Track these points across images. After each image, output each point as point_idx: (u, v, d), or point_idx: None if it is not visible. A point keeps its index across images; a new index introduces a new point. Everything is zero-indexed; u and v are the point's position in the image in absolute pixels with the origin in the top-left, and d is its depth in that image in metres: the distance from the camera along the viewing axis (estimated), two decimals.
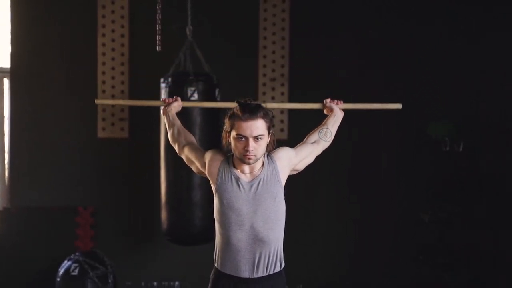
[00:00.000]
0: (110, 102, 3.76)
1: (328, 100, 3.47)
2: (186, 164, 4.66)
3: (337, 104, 3.45)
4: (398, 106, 3.62)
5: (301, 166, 3.14)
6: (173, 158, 4.88)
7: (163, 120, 3.44)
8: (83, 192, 5.74)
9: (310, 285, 5.90)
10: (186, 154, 3.18)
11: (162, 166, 4.99)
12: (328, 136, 3.28)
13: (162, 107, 3.43)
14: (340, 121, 3.40)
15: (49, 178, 5.77)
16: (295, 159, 3.10)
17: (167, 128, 3.35)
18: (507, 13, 5.68)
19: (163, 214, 5.01)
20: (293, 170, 3.12)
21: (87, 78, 5.75)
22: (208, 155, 3.06)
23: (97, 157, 5.78)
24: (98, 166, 5.79)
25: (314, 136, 3.26)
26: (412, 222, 5.73)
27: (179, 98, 3.42)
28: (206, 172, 3.05)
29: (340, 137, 5.76)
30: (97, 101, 3.69)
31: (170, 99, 3.42)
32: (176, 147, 3.26)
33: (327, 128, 3.31)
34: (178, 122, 3.33)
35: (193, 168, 3.16)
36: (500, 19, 5.73)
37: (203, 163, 3.07)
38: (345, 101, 5.77)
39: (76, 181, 5.76)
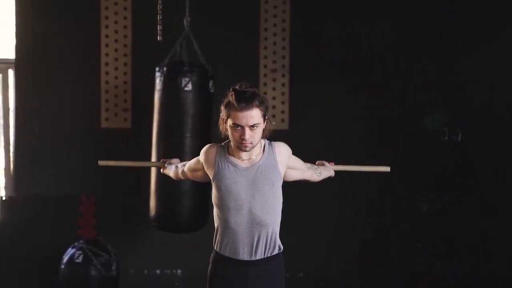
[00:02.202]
0: (113, 163, 4.00)
1: (321, 161, 3.56)
2: (177, 154, 4.76)
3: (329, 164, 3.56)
4: (386, 169, 3.73)
5: (289, 174, 3.18)
6: (165, 147, 4.96)
7: (168, 174, 3.56)
8: (86, 181, 5.81)
9: (311, 273, 5.96)
10: (188, 168, 3.27)
11: (153, 154, 5.06)
12: (318, 171, 3.39)
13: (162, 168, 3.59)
14: (328, 175, 3.49)
15: (53, 168, 5.84)
16: (291, 161, 3.16)
17: (170, 175, 3.49)
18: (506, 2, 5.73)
19: (152, 201, 5.08)
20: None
21: (91, 69, 5.81)
22: (201, 154, 3.14)
23: (100, 147, 5.85)
24: (101, 156, 5.84)
25: (307, 164, 3.34)
26: (410, 212, 5.77)
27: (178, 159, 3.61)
28: (205, 168, 3.11)
29: (343, 132, 5.87)
30: (100, 163, 3.86)
31: (168, 159, 3.60)
32: (181, 175, 3.37)
33: (318, 168, 3.42)
34: (174, 170, 3.46)
35: (199, 177, 3.23)
36: (499, 8, 5.78)
37: (201, 164, 3.15)
38: (343, 90, 5.87)
39: (80, 170, 5.82)
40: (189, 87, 4.88)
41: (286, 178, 3.17)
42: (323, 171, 3.42)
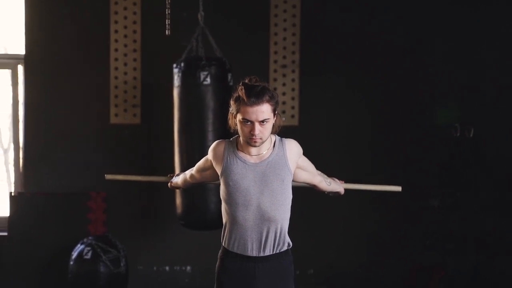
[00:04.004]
0: (120, 177, 3.95)
1: (331, 177, 3.48)
2: (200, 149, 4.68)
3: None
4: (398, 188, 3.70)
5: (298, 175, 3.12)
6: (187, 142, 4.93)
7: (178, 181, 3.50)
8: (96, 177, 5.79)
9: (321, 270, 5.93)
10: (197, 169, 3.23)
11: (176, 151, 5.01)
12: (328, 181, 3.32)
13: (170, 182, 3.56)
14: (337, 190, 3.41)
15: (63, 164, 5.83)
16: (301, 161, 3.11)
17: (179, 184, 3.45)
18: None
19: (178, 199, 5.04)
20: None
21: (100, 64, 5.79)
22: (210, 152, 3.10)
23: (110, 143, 5.83)
24: (110, 151, 5.84)
25: (318, 171, 3.28)
26: (421, 208, 5.73)
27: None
28: (214, 165, 3.07)
29: (353, 127, 5.84)
30: (107, 177, 3.80)
31: (175, 173, 3.58)
32: (189, 179, 3.32)
33: (329, 178, 3.36)
34: (182, 176, 3.42)
35: (209, 177, 3.19)
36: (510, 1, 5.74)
37: (209, 162, 3.11)
38: (354, 85, 5.84)
39: (89, 166, 5.81)
40: (208, 81, 4.84)
41: (295, 178, 3.11)
42: (333, 183, 3.35)
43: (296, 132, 5.55)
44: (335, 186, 3.38)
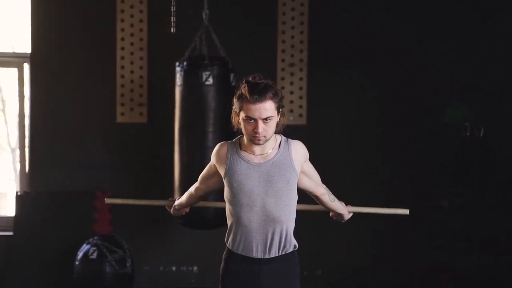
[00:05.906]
0: (120, 201, 3.93)
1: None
2: (200, 149, 4.63)
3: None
4: (405, 211, 3.64)
5: (302, 180, 3.03)
6: (187, 142, 4.89)
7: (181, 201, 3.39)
8: (101, 176, 5.77)
9: (329, 270, 5.88)
10: (201, 178, 3.15)
11: (176, 149, 4.98)
12: (332, 197, 3.22)
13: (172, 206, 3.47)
14: (340, 211, 3.28)
15: (68, 163, 5.82)
16: (306, 165, 3.03)
17: (183, 204, 3.36)
18: None
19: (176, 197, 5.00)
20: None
21: (106, 63, 5.77)
22: (213, 156, 3.03)
23: (116, 142, 5.80)
24: (116, 151, 5.82)
25: (324, 185, 3.18)
26: (430, 208, 5.68)
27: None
28: (218, 168, 3.01)
29: (362, 127, 5.79)
30: (107, 201, 3.72)
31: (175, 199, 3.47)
32: (194, 193, 3.24)
33: (333, 195, 3.24)
34: (186, 193, 3.31)
35: (215, 184, 3.10)
36: None
37: (214, 167, 3.04)
38: (362, 84, 5.79)
39: (95, 165, 5.79)
40: (210, 81, 4.82)
41: (298, 185, 3.03)
42: (336, 201, 3.25)
43: (304, 131, 5.51)
44: (339, 205, 3.27)
